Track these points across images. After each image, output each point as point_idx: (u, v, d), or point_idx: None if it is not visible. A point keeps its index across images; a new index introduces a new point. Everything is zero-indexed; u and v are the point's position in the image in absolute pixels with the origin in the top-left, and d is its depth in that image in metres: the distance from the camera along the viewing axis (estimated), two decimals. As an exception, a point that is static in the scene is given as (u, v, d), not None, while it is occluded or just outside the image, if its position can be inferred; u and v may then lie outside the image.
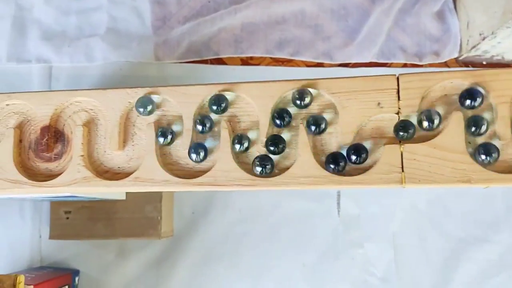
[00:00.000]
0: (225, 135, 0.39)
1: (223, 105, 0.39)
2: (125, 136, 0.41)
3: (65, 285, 0.63)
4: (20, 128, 0.42)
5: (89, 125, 0.41)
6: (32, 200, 0.69)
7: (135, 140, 0.41)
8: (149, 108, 0.39)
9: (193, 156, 0.38)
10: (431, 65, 0.74)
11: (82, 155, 0.40)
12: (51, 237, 0.63)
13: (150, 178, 0.39)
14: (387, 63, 0.74)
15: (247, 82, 0.39)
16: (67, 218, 0.63)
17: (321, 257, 0.69)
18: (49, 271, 0.64)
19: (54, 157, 0.41)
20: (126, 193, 0.63)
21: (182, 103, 0.40)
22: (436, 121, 0.35)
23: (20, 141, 0.42)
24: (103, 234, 0.62)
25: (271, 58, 0.74)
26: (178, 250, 0.69)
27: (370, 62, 0.73)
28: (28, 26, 0.73)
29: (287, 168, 0.38)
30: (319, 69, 0.73)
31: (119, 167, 0.41)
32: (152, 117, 0.41)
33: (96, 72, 0.73)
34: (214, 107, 0.39)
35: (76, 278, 0.67)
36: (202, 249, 0.69)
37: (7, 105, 0.43)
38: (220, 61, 0.74)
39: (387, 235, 0.69)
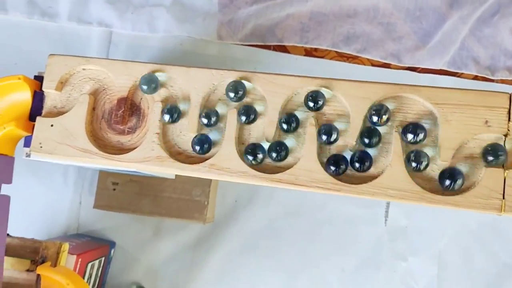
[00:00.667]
0: (311, 133, 0.36)
1: (320, 102, 0.36)
2: (203, 118, 0.39)
3: (102, 256, 0.62)
4: (95, 96, 0.41)
5: (167, 102, 0.39)
6: (77, 166, 0.68)
7: (214, 124, 0.39)
8: (240, 93, 0.37)
9: (273, 154, 0.36)
10: (502, 81, 0.70)
11: (157, 133, 0.39)
12: (96, 206, 0.62)
13: (227, 167, 0.37)
14: (457, 73, 0.70)
15: (343, 80, 0.37)
16: (114, 189, 0.61)
17: (361, 264, 0.67)
18: (87, 240, 0.63)
19: (128, 130, 0.40)
20: (176, 172, 0.62)
21: (270, 92, 0.38)
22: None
23: (93, 109, 0.41)
24: (148, 211, 0.61)
25: (336, 52, 0.71)
26: (216, 236, 0.68)
27: (440, 70, 0.70)
28: (93, -13, 0.71)
29: (375, 177, 0.35)
30: (385, 70, 0.70)
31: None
32: (235, 103, 0.39)
33: (156, 43, 0.71)
34: (310, 103, 0.36)
35: (112, 250, 0.66)
36: (240, 238, 0.68)
37: (83, 69, 0.41)
38: (283, 49, 0.71)
39: (433, 251, 0.67)
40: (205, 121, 0.38)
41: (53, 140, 0.40)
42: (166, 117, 0.38)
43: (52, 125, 0.40)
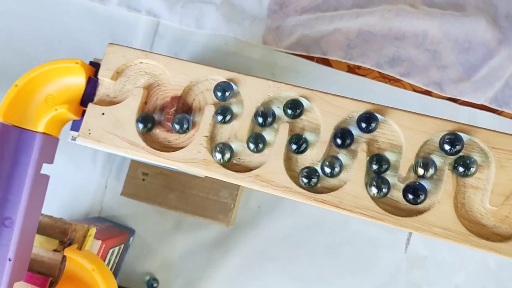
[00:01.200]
0: (362, 158, 0.36)
1: (373, 125, 0.36)
2: (254, 128, 0.39)
3: (122, 243, 0.62)
4: (148, 90, 0.41)
5: (218, 105, 0.39)
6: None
7: (264, 135, 0.39)
8: (298, 112, 0.37)
9: (327, 169, 0.36)
10: (543, 125, 0.69)
11: (206, 136, 0.39)
12: (123, 193, 0.63)
13: (272, 180, 0.37)
14: (497, 110, 0.69)
15: (401, 110, 0.36)
16: (143, 179, 0.62)
17: (376, 288, 0.66)
18: (109, 225, 0.64)
19: (176, 129, 0.40)
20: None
21: (324, 112, 0.37)
22: None
23: (145, 103, 0.41)
24: (174, 206, 0.61)
25: (379, 72, 0.70)
26: (235, 239, 0.68)
27: (481, 105, 0.69)
28: (147, -24, 0.72)
29: (421, 212, 0.35)
30: (425, 97, 0.69)
31: (239, 158, 0.39)
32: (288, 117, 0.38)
33: (201, 40, 0.71)
34: (363, 125, 0.36)
35: (131, 238, 0.67)
36: (258, 244, 0.68)
37: (140, 62, 0.41)
38: (326, 62, 0.71)
39: (450, 285, 0.66)
40: (260, 120, 0.38)
41: (102, 128, 0.40)
42: (219, 118, 0.38)
43: (103, 114, 0.40)
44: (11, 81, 0.74)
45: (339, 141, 0.36)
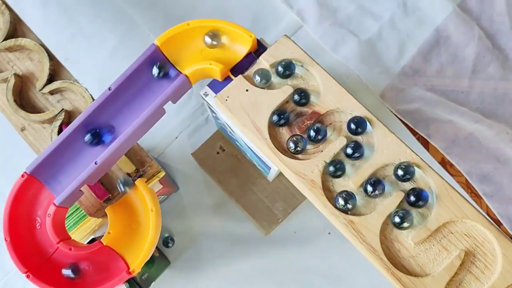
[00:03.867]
0: (454, 264, 0.37)
1: (477, 245, 0.37)
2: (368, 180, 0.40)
3: (167, 195, 0.64)
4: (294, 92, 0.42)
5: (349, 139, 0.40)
6: (194, 107, 0.71)
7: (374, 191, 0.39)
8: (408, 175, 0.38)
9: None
10: None
11: (326, 162, 0.40)
12: (193, 155, 0.64)
13: (363, 234, 0.38)
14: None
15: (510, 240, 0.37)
16: (218, 153, 0.63)
17: None
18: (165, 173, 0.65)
19: (302, 140, 0.41)
20: (276, 179, 0.63)
21: (443, 204, 0.38)
22: None
23: (287, 102, 0.42)
24: (230, 190, 0.63)
25: (466, 180, 0.70)
26: (257, 247, 0.68)
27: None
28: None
29: None
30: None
31: (342, 197, 0.40)
32: (405, 185, 0.39)
33: (327, 61, 0.72)
34: (465, 241, 0.36)
35: (173, 193, 0.68)
36: (275, 264, 0.68)
37: (301, 66, 0.42)
38: (425, 143, 0.71)
39: None
40: (370, 189, 0.39)
41: (239, 102, 0.41)
42: (348, 151, 0.39)
43: (247, 90, 0.42)
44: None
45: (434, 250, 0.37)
